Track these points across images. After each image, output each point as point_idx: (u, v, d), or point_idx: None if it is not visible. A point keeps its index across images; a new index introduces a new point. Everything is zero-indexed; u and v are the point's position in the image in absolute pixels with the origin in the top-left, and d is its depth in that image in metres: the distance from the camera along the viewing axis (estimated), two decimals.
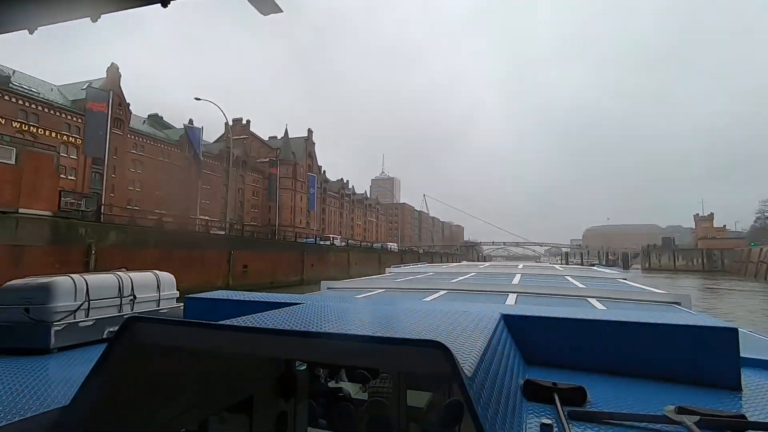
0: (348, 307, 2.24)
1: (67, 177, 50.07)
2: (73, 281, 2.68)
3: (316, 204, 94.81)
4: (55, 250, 17.53)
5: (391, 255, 59.00)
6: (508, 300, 3.69)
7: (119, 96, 57.05)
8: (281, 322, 1.65)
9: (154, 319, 1.31)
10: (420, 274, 7.24)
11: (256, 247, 31.00)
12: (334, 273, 41.06)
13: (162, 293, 3.40)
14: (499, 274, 7.17)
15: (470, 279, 5.93)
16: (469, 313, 2.08)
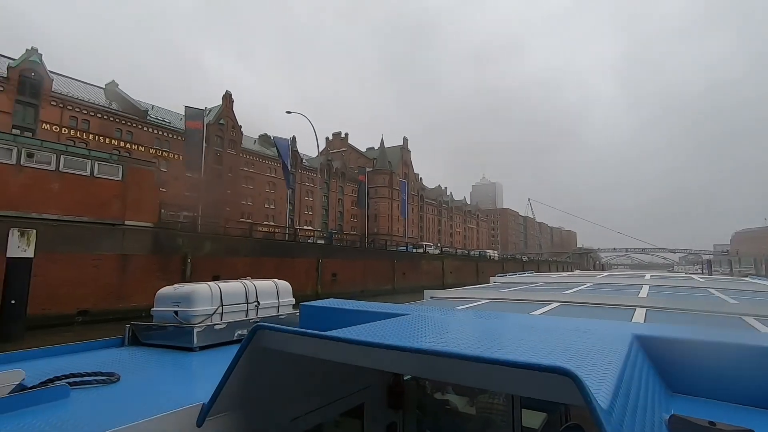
0: (455, 320, 2.23)
1: (190, 194, 56.99)
2: (210, 289, 3.11)
3: (412, 211, 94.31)
4: (155, 259, 18.86)
5: (490, 263, 55.15)
6: (635, 316, 3.11)
7: (232, 119, 63.47)
8: (389, 334, 1.65)
9: (276, 328, 1.38)
10: (528, 284, 6.67)
11: (346, 255, 30.78)
12: (427, 282, 39.28)
13: (281, 300, 3.67)
14: (621, 285, 6.24)
15: (586, 290, 5.32)
16: (593, 330, 1.91)
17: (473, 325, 2.21)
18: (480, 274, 50.24)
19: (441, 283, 42.42)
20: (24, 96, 41.31)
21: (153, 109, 58.10)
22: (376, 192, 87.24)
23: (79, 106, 45.77)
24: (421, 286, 40.06)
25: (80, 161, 16.76)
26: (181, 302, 3.05)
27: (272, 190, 68.47)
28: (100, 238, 17.07)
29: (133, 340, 3.10)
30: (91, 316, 16.63)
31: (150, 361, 2.65)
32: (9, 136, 15.24)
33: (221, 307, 3.12)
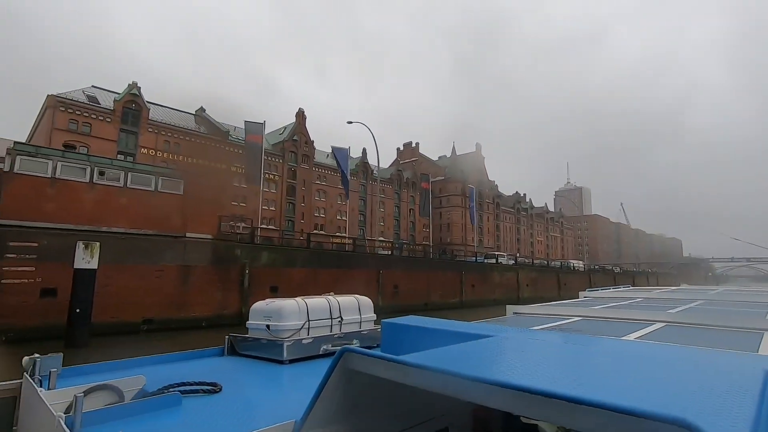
0: (543, 344, 2.09)
1: (269, 208, 60.14)
2: (297, 304, 3.39)
3: (487, 220, 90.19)
4: (215, 269, 19.36)
5: (574, 275, 50.14)
6: (763, 343, 2.43)
7: (305, 135, 66.16)
8: (473, 360, 1.60)
9: (361, 352, 1.41)
10: (625, 299, 5.98)
11: (408, 266, 29.57)
12: (500, 295, 36.50)
13: (362, 315, 3.76)
14: (742, 302, 5.41)
15: (697, 309, 4.70)
16: (711, 363, 1.64)
17: (564, 351, 1.99)
18: (562, 287, 45.84)
19: (516, 296, 39.26)
20: (126, 125, 46.82)
21: (235, 130, 62.76)
22: (448, 201, 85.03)
23: (171, 131, 50.80)
24: (493, 299, 37.30)
25: (145, 177, 17.77)
26: (272, 317, 3.29)
27: (344, 202, 69.86)
28: (162, 250, 17.87)
29: (231, 350, 3.42)
30: (155, 324, 17.30)
31: (246, 372, 2.93)
32: (83, 157, 16.64)
33: (308, 322, 3.32)
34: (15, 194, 14.81)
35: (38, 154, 15.42)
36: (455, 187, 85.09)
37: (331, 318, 3.51)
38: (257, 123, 26.17)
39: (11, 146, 15.06)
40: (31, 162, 15.21)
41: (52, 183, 15.54)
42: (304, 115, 65.13)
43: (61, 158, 15.87)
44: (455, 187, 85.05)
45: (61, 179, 15.72)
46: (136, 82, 48.37)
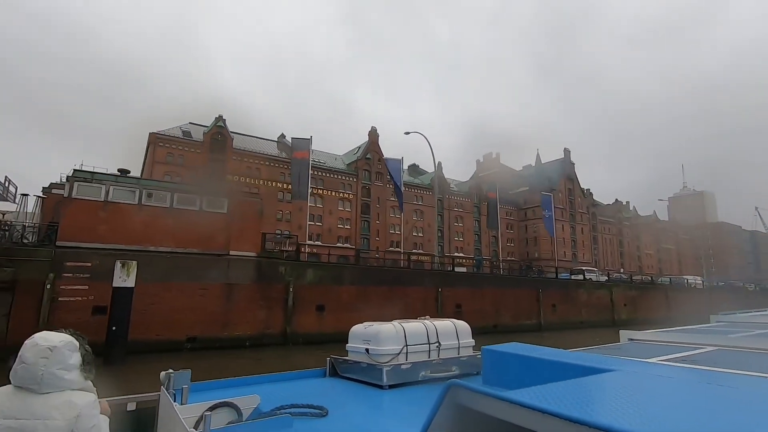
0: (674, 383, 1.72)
1: (344, 226, 61.09)
2: (395, 329, 3.39)
3: (581, 232, 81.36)
4: (258, 287, 19.15)
5: (688, 294, 42.29)
6: None
7: (378, 153, 66.48)
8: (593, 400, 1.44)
9: (470, 387, 1.35)
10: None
11: (474, 284, 26.92)
12: (588, 317, 31.67)
13: (461, 341, 3.66)
14: None
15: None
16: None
17: (701, 392, 1.60)
18: (672, 308, 38.76)
19: (610, 318, 33.90)
20: (214, 154, 51.25)
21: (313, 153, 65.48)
22: (534, 213, 78.67)
23: (252, 157, 54.46)
24: (579, 321, 32.47)
25: (190, 197, 18.28)
26: (371, 340, 3.33)
27: (420, 218, 68.39)
28: (207, 268, 18.08)
29: (332, 371, 3.51)
30: (198, 342, 17.38)
31: (348, 395, 3.03)
32: (134, 180, 17.67)
33: (406, 347, 3.29)
34: (72, 218, 16.03)
35: (93, 179, 16.64)
36: (540, 197, 78.53)
37: (429, 343, 3.46)
38: (304, 139, 26.25)
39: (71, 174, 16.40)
40: (87, 187, 16.44)
41: (105, 206, 16.59)
42: (377, 133, 65.68)
43: (114, 183, 16.98)
44: (541, 198, 78.49)
45: (113, 202, 16.73)
46: (222, 115, 52.92)
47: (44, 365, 1.45)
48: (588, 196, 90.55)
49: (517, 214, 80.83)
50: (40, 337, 1.51)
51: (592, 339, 3.44)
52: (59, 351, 1.49)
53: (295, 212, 56.42)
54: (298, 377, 3.43)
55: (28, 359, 1.45)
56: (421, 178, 74.95)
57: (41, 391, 1.44)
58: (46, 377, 1.45)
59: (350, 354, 3.52)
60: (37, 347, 1.47)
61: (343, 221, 60.54)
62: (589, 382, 1.68)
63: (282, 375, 3.38)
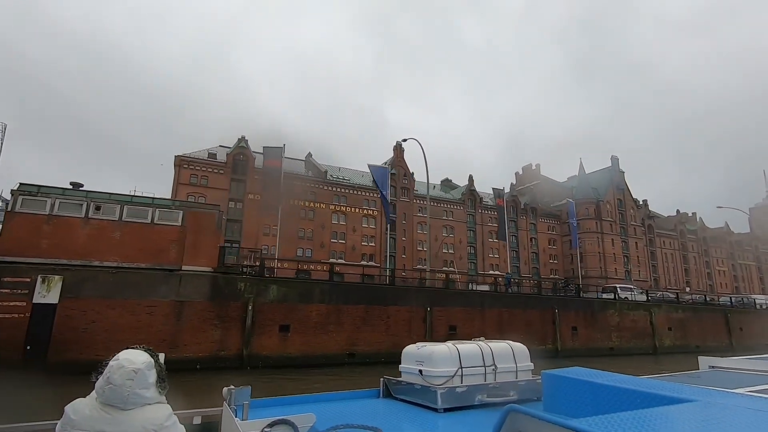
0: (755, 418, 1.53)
1: (368, 244, 59.48)
2: (449, 350, 3.31)
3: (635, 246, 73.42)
4: (212, 305, 17.89)
5: (755, 316, 35.90)
6: None
7: (404, 167, 64.79)
8: None
9: (529, 413, 1.31)
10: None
11: (472, 303, 24.01)
12: (622, 342, 27.26)
13: (518, 364, 3.49)
14: None
15: None
16: None
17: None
18: (735, 333, 32.90)
19: (651, 344, 29.18)
20: (236, 174, 52.22)
21: (340, 170, 65.19)
22: (579, 226, 72.37)
23: None
24: (607, 347, 28.02)
25: (142, 210, 17.55)
26: (425, 362, 3.28)
27: (450, 234, 65.19)
28: (156, 284, 17.13)
29: (386, 392, 3.54)
30: None
31: (402, 417, 2.95)
32: (82, 193, 17.25)
33: (460, 369, 3.22)
34: (13, 232, 15.73)
35: (39, 192, 16.37)
36: (586, 209, 72.41)
37: (485, 365, 3.35)
38: (275, 147, 25.12)
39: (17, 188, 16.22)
40: (32, 201, 16.18)
41: (49, 220, 16.19)
42: (402, 147, 64.09)
43: (60, 196, 16.62)
44: (586, 210, 72.36)
45: (58, 215, 16.29)
46: (245, 136, 54.14)
47: (130, 386, 1.56)
48: (642, 207, 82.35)
49: (560, 228, 74.96)
50: (126, 359, 1.61)
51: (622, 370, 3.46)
52: (142, 373, 1.60)
53: (317, 230, 55.87)
54: (353, 397, 3.47)
55: (116, 381, 1.56)
56: (452, 192, 72.02)
57: (126, 408, 1.57)
58: (131, 397, 1.56)
59: (403, 375, 3.48)
60: (123, 369, 1.57)
61: (368, 238, 58.98)
62: (663, 412, 1.54)
63: (337, 394, 3.46)
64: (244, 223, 51.66)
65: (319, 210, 56.16)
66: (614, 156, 77.46)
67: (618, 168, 77.56)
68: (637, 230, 76.96)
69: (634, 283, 69.92)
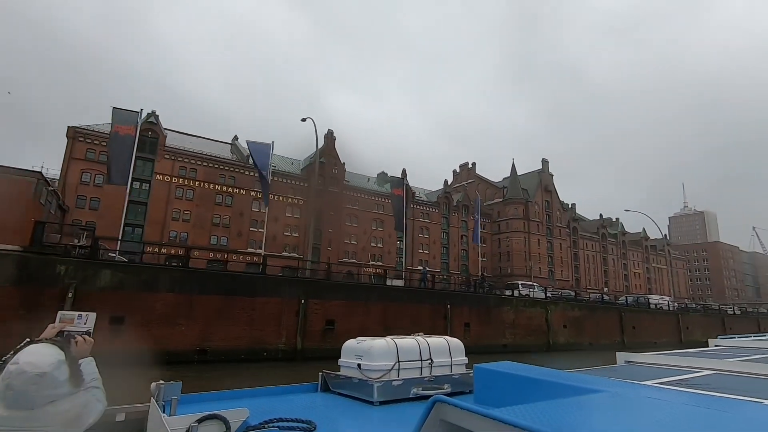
0: (667, 406, 1.70)
1: (291, 234, 56.81)
2: (387, 344, 3.38)
3: (559, 248, 76.20)
4: (18, 291, 14.87)
5: (650, 316, 37.46)
6: None
7: (335, 157, 62.60)
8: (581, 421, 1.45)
9: (454, 403, 1.34)
10: None
11: (355, 296, 22.41)
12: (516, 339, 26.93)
13: (453, 359, 3.63)
14: None
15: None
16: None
17: (685, 416, 1.58)
18: (629, 332, 33.86)
19: (546, 341, 29.14)
20: (143, 152, 47.51)
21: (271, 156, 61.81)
22: (508, 225, 73.95)
23: (187, 157, 50.68)
24: (500, 345, 27.55)
25: None
26: (363, 356, 3.30)
27: (380, 228, 63.97)
28: None
29: (324, 386, 3.58)
30: None
31: (338, 411, 3.03)
32: None
33: (398, 363, 3.28)
34: None
35: None
36: (515, 209, 74.04)
37: (421, 360, 3.45)
38: (130, 111, 22.24)
39: None
40: None
41: None
42: (333, 136, 61.88)
43: None
44: (515, 210, 73.99)
45: None
46: (155, 111, 49.45)
47: (35, 390, 1.39)
48: (569, 210, 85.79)
49: (490, 227, 76.14)
50: (27, 363, 1.39)
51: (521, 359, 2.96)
52: (50, 376, 1.40)
53: (236, 217, 52.36)
54: (290, 392, 3.45)
55: (17, 387, 1.37)
56: (386, 186, 70.78)
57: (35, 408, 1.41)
58: (39, 399, 1.39)
59: (342, 369, 3.49)
60: (24, 375, 1.37)
61: (292, 228, 56.28)
62: (577, 401, 1.66)
63: (273, 389, 3.40)
64: (150, 207, 47.21)
65: (239, 196, 52.63)
66: (544, 159, 79.82)
67: (548, 171, 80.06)
68: (563, 232, 79.93)
69: (556, 282, 72.48)
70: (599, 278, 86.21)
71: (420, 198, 70.35)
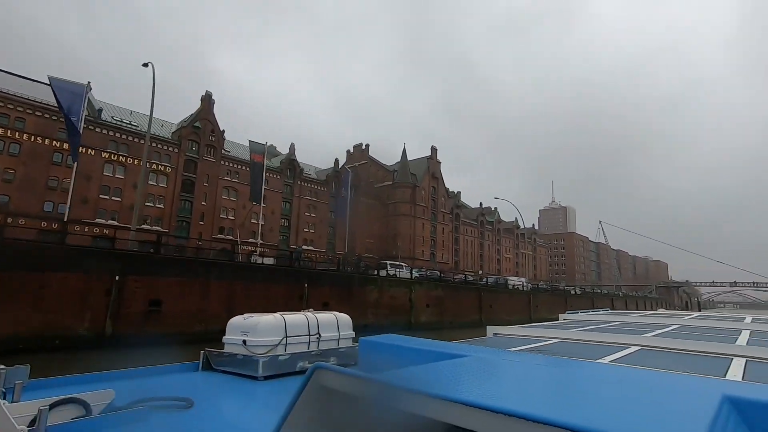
0: (516, 365, 2.10)
1: (155, 205, 50.16)
2: (275, 320, 3.40)
3: (442, 232, 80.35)
4: None
5: (504, 296, 40.37)
6: (730, 369, 2.59)
7: (213, 123, 56.62)
8: (444, 379, 1.59)
9: (332, 368, 1.41)
10: (602, 323, 6.01)
11: (194, 273, 19.56)
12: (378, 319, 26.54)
13: (341, 333, 3.81)
14: (715, 328, 5.40)
15: (672, 333, 4.67)
16: (674, 387, 1.69)
17: (535, 372, 1.95)
18: (486, 310, 35.95)
19: (408, 321, 29.29)
20: None
21: (132, 114, 53.26)
22: (396, 209, 75.47)
23: (12, 102, 41.05)
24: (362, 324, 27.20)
25: None
26: (249, 332, 3.28)
27: (263, 204, 59.94)
28: None
29: (206, 365, 3.43)
30: None
31: (220, 388, 2.97)
32: None
33: (285, 338, 3.32)
34: None
35: None
36: (404, 193, 75.67)
37: (309, 335, 3.50)
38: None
39: None
40: None
41: None
42: (212, 99, 55.78)
43: None
44: (403, 193, 75.63)
45: None
46: None
47: None
48: (454, 197, 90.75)
49: (379, 209, 76.79)
50: None
51: None
52: None
53: (81, 181, 43.94)
54: (166, 372, 3.23)
55: None
56: (273, 159, 66.59)
57: None
58: None
59: (227, 347, 3.41)
60: None
61: (155, 198, 49.58)
62: (447, 365, 1.84)
63: (146, 369, 3.13)
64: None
65: (86, 156, 44.29)
66: (433, 146, 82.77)
67: (436, 158, 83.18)
68: (446, 217, 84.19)
69: (437, 264, 76.33)
70: (476, 262, 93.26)
71: (308, 175, 67.67)
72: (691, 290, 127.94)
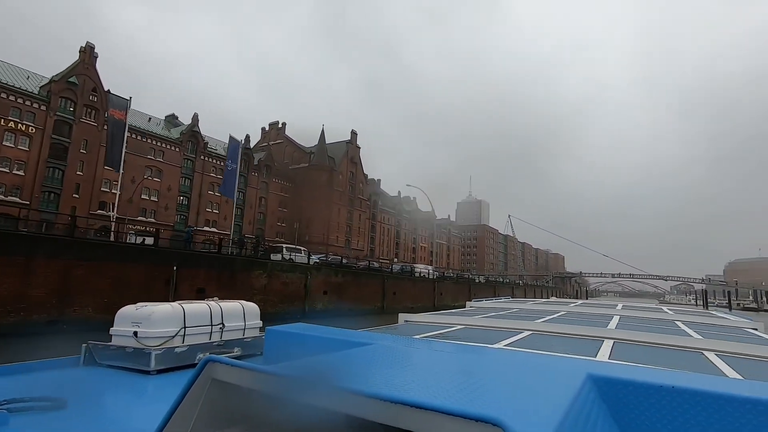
0: (419, 352, 2.17)
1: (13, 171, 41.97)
2: (173, 309, 3.07)
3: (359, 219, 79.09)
4: None
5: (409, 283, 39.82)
6: (601, 350, 2.92)
7: (95, 81, 48.84)
8: (343, 368, 1.60)
9: (224, 361, 1.34)
10: (503, 310, 6.46)
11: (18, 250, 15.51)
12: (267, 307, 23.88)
13: (247, 322, 3.57)
14: (592, 315, 6.05)
15: (558, 319, 5.17)
16: (551, 367, 1.88)
17: (435, 358, 2.07)
18: (389, 297, 34.97)
19: (302, 308, 27.17)
20: None
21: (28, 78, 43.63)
22: (312, 193, 72.48)
23: None
24: None
25: None
26: (142, 323, 2.96)
27: (156, 179, 53.54)
28: None
29: (89, 360, 3.04)
30: None
31: (103, 384, 2.66)
32: None
33: (183, 329, 3.03)
34: None
35: None
36: (320, 176, 72.79)
37: (212, 324, 3.26)
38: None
39: None
40: None
41: None
42: (94, 52, 47.88)
43: None
44: (320, 177, 72.75)
45: None
46: None
47: None
48: (373, 184, 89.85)
49: (294, 192, 73.15)
50: None
51: None
52: None
53: None
54: (40, 368, 2.77)
55: None
56: (173, 130, 59.71)
57: None
58: None
59: (114, 339, 3.01)
60: None
61: (14, 164, 41.43)
62: (350, 354, 1.84)
63: (15, 366, 2.67)
64: None
65: None
66: (353, 131, 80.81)
67: (355, 143, 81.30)
68: (363, 204, 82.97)
69: (352, 251, 74.97)
70: (392, 250, 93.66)
71: (214, 150, 61.87)
72: (581, 280, 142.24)
